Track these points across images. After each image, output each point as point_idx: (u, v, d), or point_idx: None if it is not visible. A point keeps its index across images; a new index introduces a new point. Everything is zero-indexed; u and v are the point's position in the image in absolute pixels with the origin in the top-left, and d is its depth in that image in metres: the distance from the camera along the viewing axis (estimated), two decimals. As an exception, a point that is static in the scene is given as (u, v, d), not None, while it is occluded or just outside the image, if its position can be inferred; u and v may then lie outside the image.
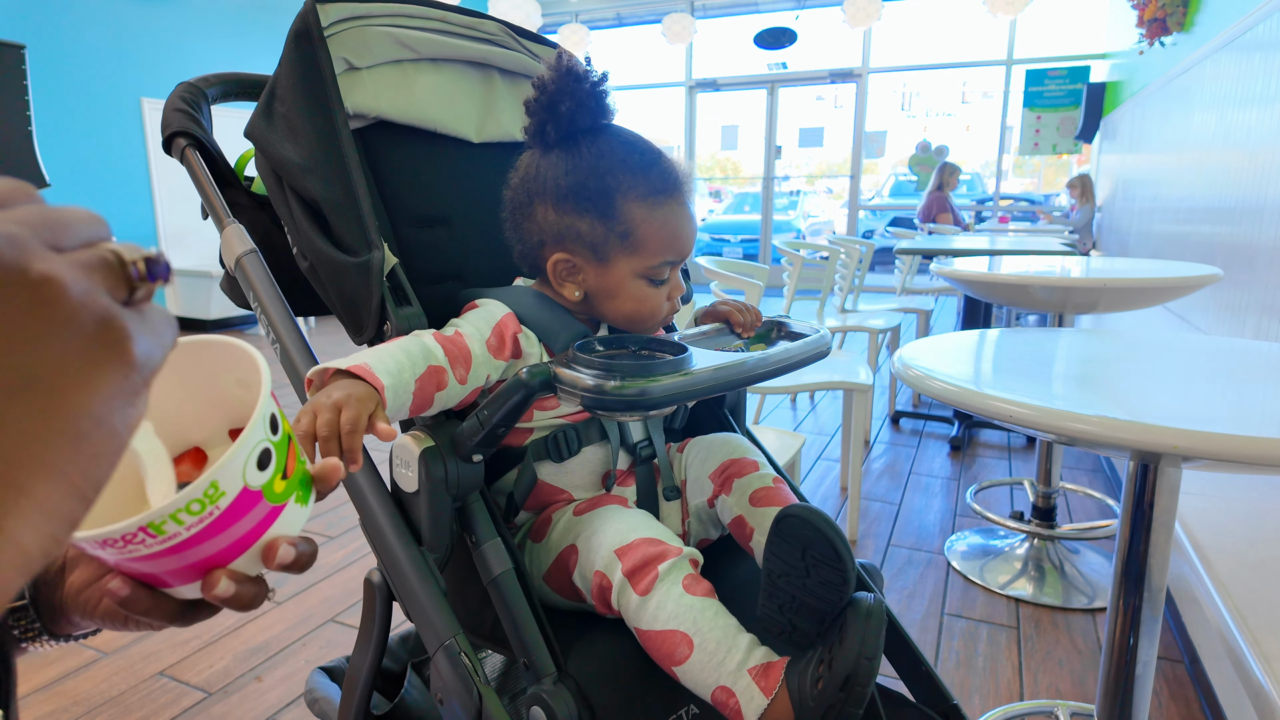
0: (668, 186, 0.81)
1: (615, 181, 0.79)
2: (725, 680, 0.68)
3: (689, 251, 0.84)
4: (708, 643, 0.69)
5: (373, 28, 0.86)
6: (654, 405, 0.61)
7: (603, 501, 0.83)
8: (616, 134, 0.82)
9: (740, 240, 9.71)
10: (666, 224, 0.81)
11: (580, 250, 0.81)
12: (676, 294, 0.85)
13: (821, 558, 0.67)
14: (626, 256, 0.81)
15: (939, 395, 0.81)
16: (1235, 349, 1.00)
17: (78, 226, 0.24)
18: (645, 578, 0.71)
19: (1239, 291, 2.29)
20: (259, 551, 0.37)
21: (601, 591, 0.74)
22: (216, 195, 0.88)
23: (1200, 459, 0.65)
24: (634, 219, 0.80)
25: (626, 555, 0.72)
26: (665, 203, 0.81)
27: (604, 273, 0.82)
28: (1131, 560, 0.91)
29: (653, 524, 0.77)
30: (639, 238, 0.80)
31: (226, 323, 5.41)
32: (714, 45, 8.23)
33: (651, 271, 0.81)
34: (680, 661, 0.70)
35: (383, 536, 0.74)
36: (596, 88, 0.79)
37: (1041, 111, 6.40)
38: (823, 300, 3.09)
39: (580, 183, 0.80)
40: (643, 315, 0.84)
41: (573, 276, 0.83)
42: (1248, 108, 2.36)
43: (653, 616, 0.70)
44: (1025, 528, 2.00)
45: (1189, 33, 3.52)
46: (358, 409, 0.62)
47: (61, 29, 4.60)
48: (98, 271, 0.23)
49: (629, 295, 0.82)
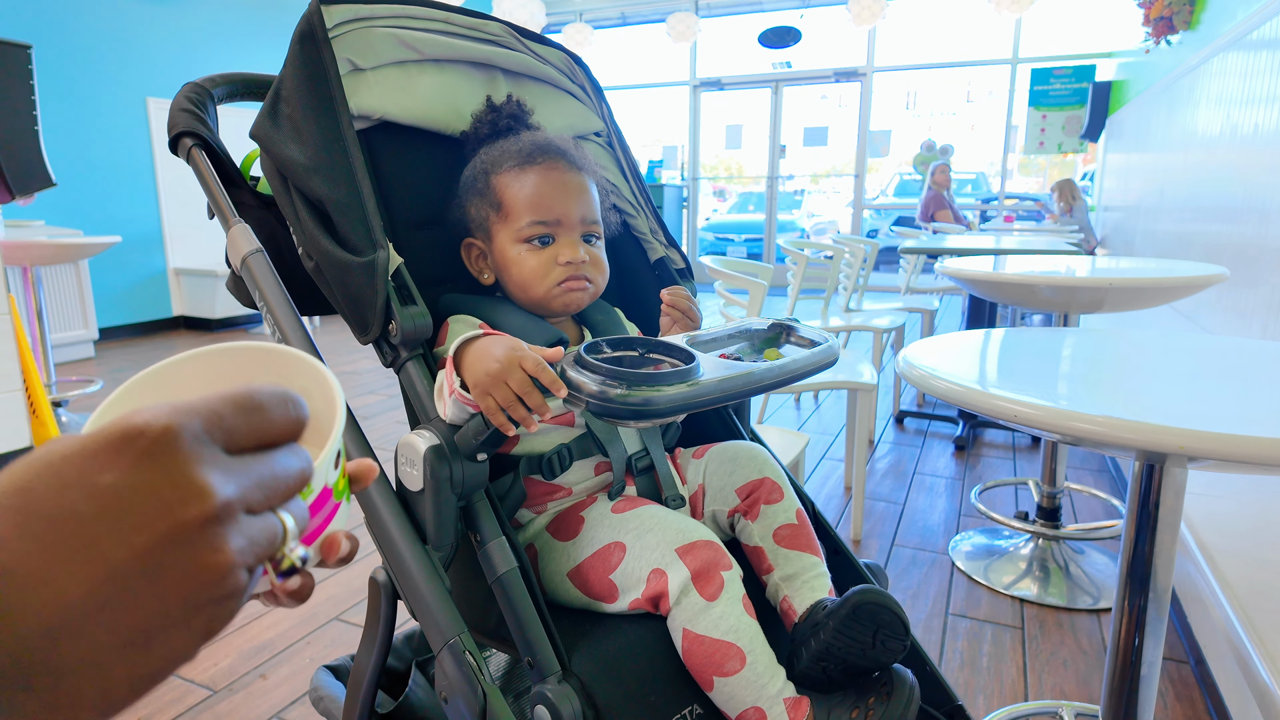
0: (535, 154, 0.87)
1: (490, 163, 0.88)
2: (763, 703, 0.72)
3: (562, 211, 0.86)
4: (758, 664, 0.72)
5: (377, 29, 0.87)
6: (659, 415, 0.61)
7: (640, 501, 0.85)
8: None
9: (744, 240, 9.70)
10: (528, 185, 0.86)
11: (477, 232, 0.89)
12: (566, 256, 0.86)
13: (892, 634, 0.73)
14: (501, 224, 0.87)
15: (944, 395, 0.81)
16: (1241, 349, 1.00)
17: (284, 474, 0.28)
18: (712, 583, 0.74)
19: (1245, 291, 2.28)
20: (319, 545, 0.39)
21: (656, 588, 0.75)
22: (222, 195, 0.88)
23: (1206, 459, 0.64)
24: (502, 188, 0.87)
25: (689, 555, 0.75)
26: (530, 168, 0.87)
27: (493, 248, 0.88)
28: (1137, 561, 0.90)
29: (704, 528, 0.79)
30: (507, 204, 0.87)
31: (231, 321, 5.42)
32: (718, 44, 8.22)
33: (524, 233, 0.86)
34: (727, 674, 0.72)
35: (388, 535, 0.74)
36: (514, 112, 0.90)
37: (1047, 110, 6.38)
38: (827, 300, 3.09)
39: (467, 175, 0.90)
40: (528, 280, 0.87)
41: (483, 261, 0.90)
42: (1254, 107, 2.35)
43: (713, 624, 0.73)
44: (1030, 528, 1.99)
45: (1195, 31, 3.51)
46: (521, 349, 0.66)
47: (68, 29, 4.61)
48: (258, 550, 0.26)
49: (514, 262, 0.87)
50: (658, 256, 1.07)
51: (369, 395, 3.58)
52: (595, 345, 0.69)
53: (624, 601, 0.78)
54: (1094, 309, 1.68)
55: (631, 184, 1.05)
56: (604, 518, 0.83)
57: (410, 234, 0.90)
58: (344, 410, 0.38)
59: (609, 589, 0.79)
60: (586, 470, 0.88)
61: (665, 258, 1.07)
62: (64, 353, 4.38)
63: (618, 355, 0.69)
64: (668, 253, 1.07)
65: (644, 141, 10.58)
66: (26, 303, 3.07)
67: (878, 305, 3.45)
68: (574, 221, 0.87)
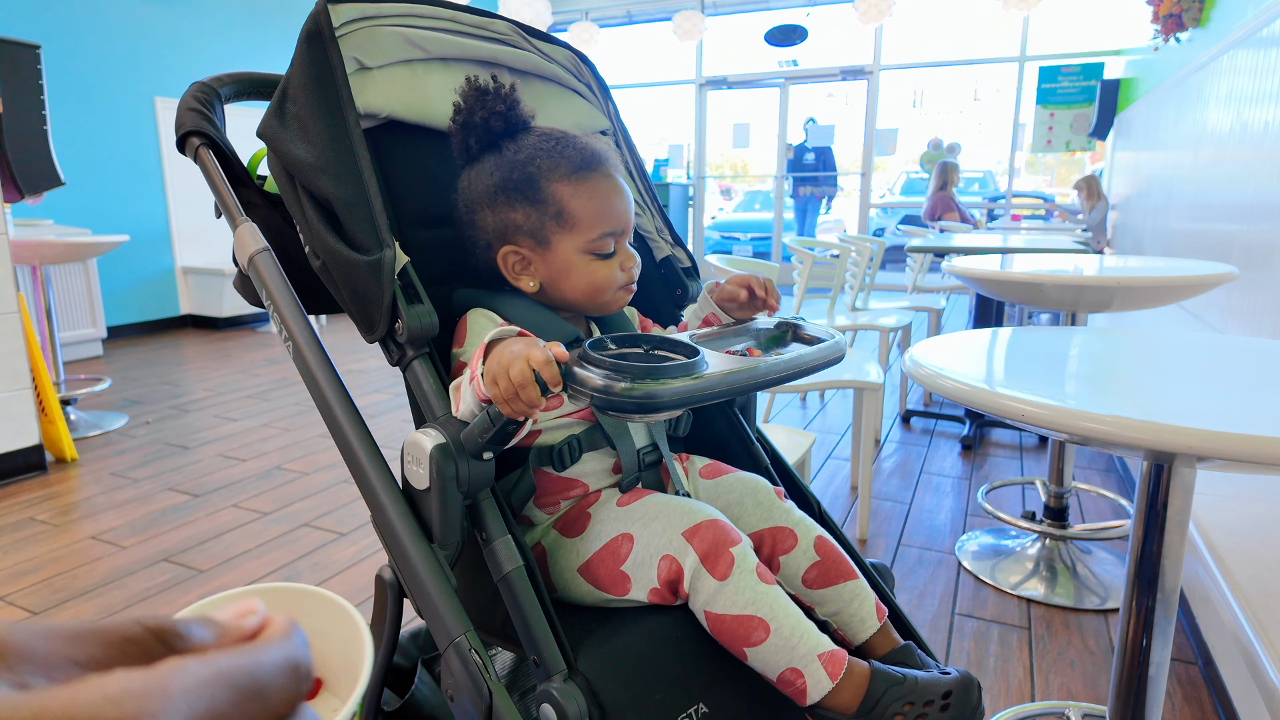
0: (588, 161, 0.85)
1: (537, 168, 0.84)
2: (797, 663, 0.74)
3: (625, 222, 0.87)
4: (783, 628, 0.74)
5: (384, 28, 0.87)
6: (663, 408, 0.60)
7: (644, 492, 0.85)
8: (534, 130, 0.88)
9: (750, 238, 9.69)
10: (594, 197, 0.85)
11: (523, 240, 0.86)
12: (628, 264, 0.88)
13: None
14: (565, 235, 0.85)
15: (950, 394, 0.81)
16: (1251, 348, 0.99)
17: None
18: (721, 562, 0.75)
19: (1255, 290, 2.26)
20: None
21: (669, 574, 0.76)
22: (230, 194, 0.88)
23: (1215, 459, 0.64)
24: (562, 197, 0.84)
25: (696, 537, 0.76)
26: (589, 177, 0.85)
27: (550, 257, 0.86)
28: (1145, 561, 0.90)
29: (708, 507, 0.80)
30: (571, 214, 0.84)
31: (239, 320, 5.45)
32: (724, 43, 8.20)
33: (593, 245, 0.85)
34: (755, 644, 0.74)
35: (394, 533, 0.74)
36: (508, 98, 0.85)
37: (1055, 108, 6.35)
38: (833, 298, 3.08)
39: (506, 177, 0.85)
40: (598, 289, 0.87)
41: (525, 269, 0.87)
42: (1264, 104, 2.33)
43: (730, 601, 0.74)
44: (1037, 528, 1.99)
45: (1205, 28, 3.49)
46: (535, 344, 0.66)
47: (76, 29, 4.63)
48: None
49: (579, 273, 0.86)
50: (663, 255, 1.07)
51: (375, 394, 3.59)
52: (600, 341, 0.69)
53: (639, 592, 0.79)
54: (1102, 308, 1.67)
55: (638, 182, 1.05)
56: (609, 511, 0.83)
57: (416, 233, 0.90)
58: (369, 669, 0.37)
59: (621, 580, 0.79)
60: (598, 463, 0.88)
61: (671, 256, 1.07)
62: (72, 351, 4.40)
63: (622, 351, 0.68)
64: (673, 251, 1.07)
65: (650, 140, 10.58)
66: (35, 301, 3.09)
67: (884, 304, 3.44)
68: (630, 230, 0.89)
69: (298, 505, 2.31)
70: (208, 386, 3.78)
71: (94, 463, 2.69)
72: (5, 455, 2.48)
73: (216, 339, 5.06)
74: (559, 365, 0.63)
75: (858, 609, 0.84)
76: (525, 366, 0.63)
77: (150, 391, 3.68)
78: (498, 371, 0.65)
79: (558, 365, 0.63)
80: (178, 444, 2.89)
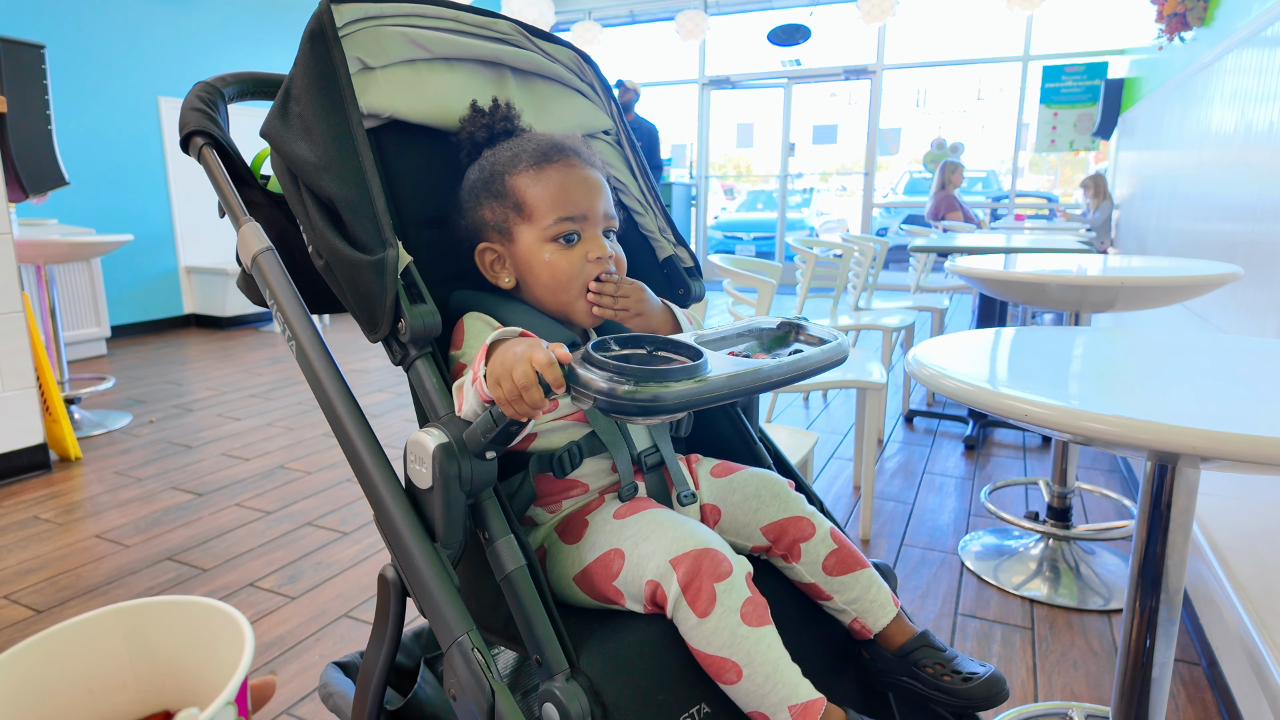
0: (546, 153, 0.87)
1: (502, 165, 0.87)
2: (766, 710, 0.73)
3: (586, 208, 0.87)
4: (756, 675, 0.73)
5: (387, 28, 0.87)
6: (667, 411, 0.60)
7: (642, 505, 0.84)
8: (514, 134, 0.91)
9: (753, 238, 9.69)
10: (550, 183, 0.86)
11: (493, 236, 0.88)
12: (595, 253, 0.87)
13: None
14: (525, 225, 0.86)
15: (954, 394, 0.80)
16: (1255, 348, 0.99)
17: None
18: (702, 597, 0.73)
19: (1259, 290, 2.26)
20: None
21: (655, 600, 0.76)
22: (233, 194, 0.88)
23: (1219, 460, 0.64)
24: (521, 188, 0.86)
25: (682, 566, 0.74)
26: (548, 167, 0.86)
27: (515, 249, 0.88)
28: (1148, 561, 0.90)
29: (703, 531, 0.78)
30: (528, 203, 0.86)
31: (242, 319, 5.46)
32: (728, 42, 8.20)
33: (551, 231, 0.86)
34: (727, 684, 0.74)
35: (397, 532, 0.74)
36: (505, 116, 0.90)
37: (1058, 108, 6.34)
38: (836, 298, 3.08)
39: (476, 177, 0.89)
40: (559, 280, 0.87)
41: (501, 265, 0.89)
42: (1269, 103, 2.33)
43: (706, 640, 0.73)
44: (1040, 528, 1.98)
45: (1209, 28, 3.48)
46: (538, 345, 0.66)
47: (80, 29, 4.64)
48: None
49: (542, 263, 0.87)
50: (666, 255, 1.07)
51: (378, 393, 3.60)
52: (603, 343, 0.68)
53: (633, 604, 0.79)
54: (1106, 308, 1.67)
55: (640, 182, 1.05)
56: (605, 523, 0.83)
57: (419, 232, 0.90)
58: (248, 660, 0.40)
59: (615, 594, 0.80)
60: (600, 466, 0.88)
61: (674, 256, 1.07)
62: (76, 350, 4.41)
63: (626, 353, 0.68)
64: (676, 251, 1.07)
65: (653, 140, 10.54)
66: (40, 301, 3.10)
67: (887, 304, 3.43)
68: (598, 217, 0.88)
69: (300, 504, 2.31)
70: (211, 386, 3.78)
71: (98, 462, 2.70)
72: (10, 454, 2.49)
73: (220, 338, 5.07)
74: (562, 367, 0.63)
75: (876, 594, 0.86)
76: (528, 368, 0.63)
77: (154, 391, 3.69)
78: (501, 373, 0.65)
79: (560, 367, 0.63)
80: (181, 443, 2.89)
